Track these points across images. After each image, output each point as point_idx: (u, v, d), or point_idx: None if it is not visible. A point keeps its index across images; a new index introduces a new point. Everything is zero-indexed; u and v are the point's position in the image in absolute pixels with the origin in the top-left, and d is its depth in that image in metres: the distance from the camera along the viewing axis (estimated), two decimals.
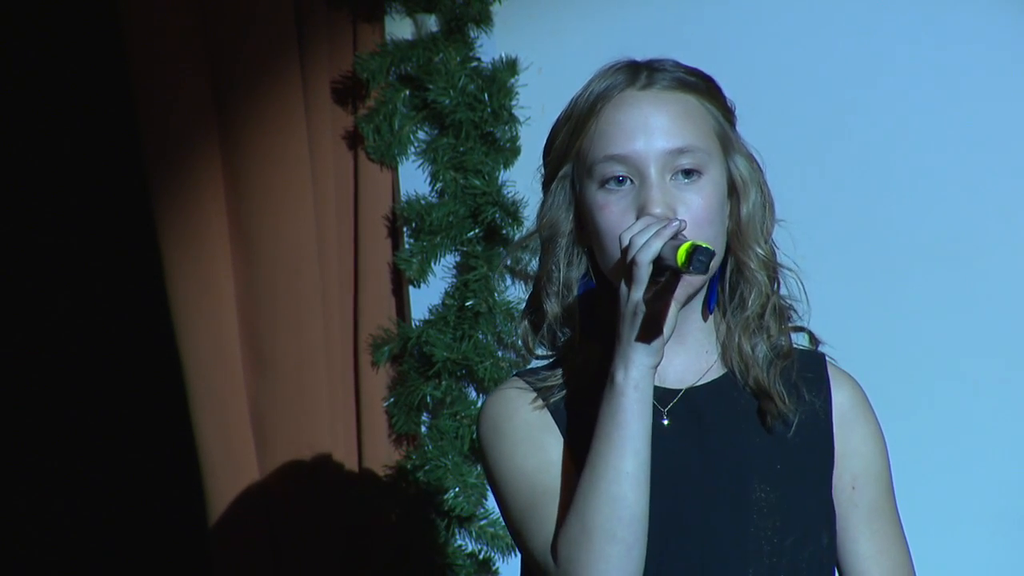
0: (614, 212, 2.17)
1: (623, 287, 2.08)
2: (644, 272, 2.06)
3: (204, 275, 3.58)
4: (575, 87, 3.18)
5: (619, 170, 2.18)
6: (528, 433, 2.22)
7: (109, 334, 4.92)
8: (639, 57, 2.27)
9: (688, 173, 2.18)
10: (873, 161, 3.52)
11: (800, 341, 2.29)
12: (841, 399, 2.26)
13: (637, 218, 2.15)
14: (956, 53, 3.48)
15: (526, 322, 2.29)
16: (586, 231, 2.23)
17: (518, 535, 2.21)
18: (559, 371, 2.25)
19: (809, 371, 2.26)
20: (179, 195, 3.57)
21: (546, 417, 2.23)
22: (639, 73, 2.22)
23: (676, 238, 2.06)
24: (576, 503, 2.11)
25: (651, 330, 2.08)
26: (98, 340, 4.92)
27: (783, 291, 2.26)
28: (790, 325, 2.27)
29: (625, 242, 2.09)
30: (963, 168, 3.49)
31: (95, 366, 4.93)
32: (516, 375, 2.30)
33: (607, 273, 2.21)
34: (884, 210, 3.52)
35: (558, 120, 2.27)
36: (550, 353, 2.28)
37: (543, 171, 2.30)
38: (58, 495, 4.94)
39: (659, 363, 2.11)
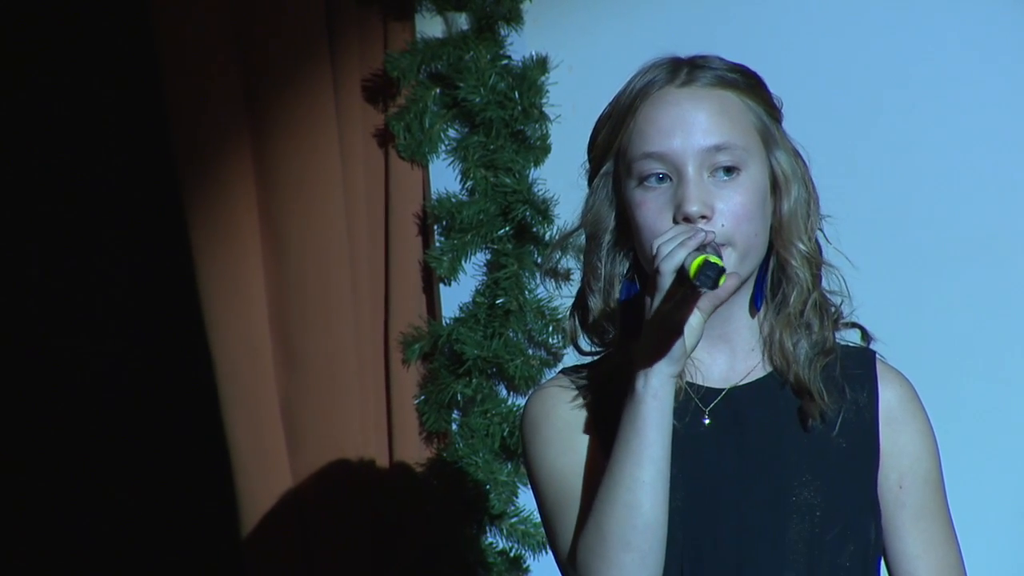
0: (651, 210, 2.17)
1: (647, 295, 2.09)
2: (666, 281, 2.06)
3: (235, 274, 3.58)
4: (605, 85, 3.18)
5: (657, 168, 2.17)
6: (563, 433, 2.22)
7: (140, 333, 4.93)
8: (681, 54, 2.26)
9: (727, 170, 2.17)
10: (904, 159, 3.52)
11: (852, 338, 2.28)
12: (889, 397, 2.24)
13: (674, 216, 2.15)
14: (988, 51, 3.48)
15: (574, 318, 2.29)
16: (628, 228, 2.23)
17: (548, 535, 2.22)
18: (602, 369, 2.24)
19: (857, 368, 2.25)
20: (210, 194, 3.58)
21: (586, 416, 2.22)
22: (679, 70, 2.21)
23: (704, 249, 2.06)
24: (594, 510, 2.11)
25: (668, 340, 2.08)
26: (129, 339, 4.93)
27: (830, 287, 2.25)
28: (843, 322, 2.26)
29: (654, 250, 2.09)
30: (993, 167, 3.49)
31: (126, 364, 4.94)
32: (562, 372, 2.29)
33: (647, 269, 2.20)
34: (915, 208, 3.51)
35: (600, 117, 2.26)
36: (598, 349, 2.28)
37: (588, 167, 2.29)
38: (91, 493, 4.95)
39: (680, 372, 2.11)
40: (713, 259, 2.02)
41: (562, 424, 2.22)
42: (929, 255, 3.51)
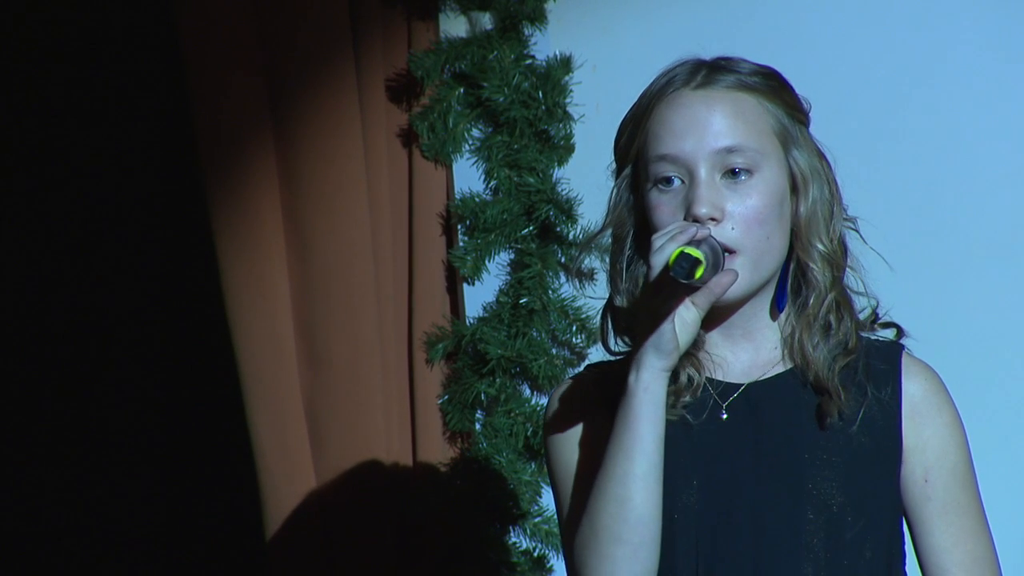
0: (665, 212, 2.19)
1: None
2: (653, 275, 2.08)
3: (259, 273, 3.58)
4: (629, 84, 3.15)
5: (670, 170, 2.19)
6: (578, 427, 2.24)
7: (164, 333, 4.94)
8: (701, 54, 2.26)
9: (740, 172, 2.18)
10: (928, 159, 3.51)
11: (888, 336, 2.28)
12: (912, 391, 2.24)
13: (685, 218, 2.16)
14: (1012, 50, 3.47)
15: (606, 319, 2.30)
16: (649, 230, 2.24)
17: (560, 527, 2.25)
18: (622, 367, 2.24)
19: (882, 363, 2.24)
20: (234, 193, 3.58)
21: (603, 412, 2.23)
22: (698, 73, 2.22)
23: (699, 245, 2.07)
24: (588, 504, 2.13)
25: (648, 331, 2.10)
26: (154, 339, 4.94)
27: (859, 287, 2.25)
28: (880, 321, 2.27)
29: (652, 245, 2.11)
30: (1018, 165, 3.48)
31: (150, 365, 4.95)
32: (588, 366, 2.32)
33: None
34: (940, 208, 3.50)
35: (623, 120, 2.28)
36: (626, 349, 2.28)
37: (614, 169, 2.30)
38: (115, 492, 4.96)
39: (671, 367, 2.12)
40: (690, 251, 2.04)
41: (578, 418, 2.24)
42: (955, 254, 3.50)
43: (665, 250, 2.07)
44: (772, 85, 2.24)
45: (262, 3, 3.56)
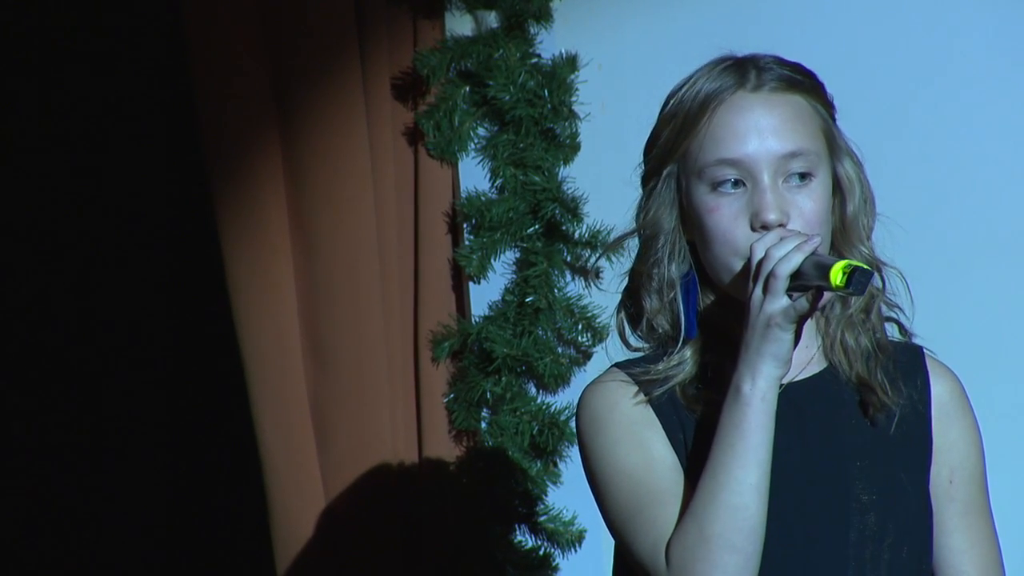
0: (725, 216, 2.17)
1: (756, 297, 2.09)
2: (783, 285, 2.07)
3: (264, 272, 3.58)
4: (635, 83, 3.15)
5: (731, 174, 2.18)
6: (630, 428, 2.21)
7: (169, 331, 4.93)
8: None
9: (801, 176, 2.18)
10: (932, 159, 3.51)
11: (891, 333, 2.29)
12: (940, 391, 2.26)
13: (751, 223, 2.16)
14: (1016, 49, 3.48)
15: (623, 315, 2.29)
16: (690, 230, 2.23)
17: (621, 534, 2.19)
18: (660, 365, 2.24)
19: (907, 364, 2.26)
20: (239, 191, 3.58)
21: (648, 412, 2.22)
22: (747, 73, 2.21)
23: (814, 254, 2.08)
24: (695, 511, 2.11)
25: (764, 339, 2.10)
26: (159, 337, 4.93)
27: (891, 287, 2.26)
28: (883, 316, 2.28)
29: (760, 253, 2.10)
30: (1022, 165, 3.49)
31: (155, 363, 4.94)
32: (616, 366, 2.28)
33: (711, 272, 2.22)
34: (944, 208, 3.51)
35: (662, 117, 2.25)
36: (646, 346, 2.28)
37: (643, 167, 2.29)
38: (120, 489, 4.95)
39: (784, 375, 2.12)
40: (860, 264, 2.05)
41: (627, 420, 2.22)
42: (959, 254, 3.50)
43: (791, 260, 2.07)
44: (813, 83, 2.25)
45: (267, 1, 3.56)
